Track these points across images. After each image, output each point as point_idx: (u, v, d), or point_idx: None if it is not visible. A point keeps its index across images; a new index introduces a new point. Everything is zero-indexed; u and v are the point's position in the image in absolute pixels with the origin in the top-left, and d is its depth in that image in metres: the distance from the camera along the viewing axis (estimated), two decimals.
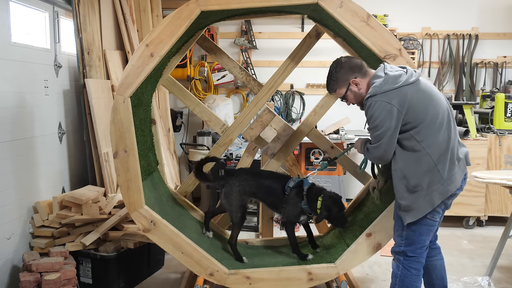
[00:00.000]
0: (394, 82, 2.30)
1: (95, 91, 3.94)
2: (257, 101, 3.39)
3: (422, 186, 2.32)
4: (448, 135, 2.33)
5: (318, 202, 2.86)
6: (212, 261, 2.72)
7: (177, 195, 3.39)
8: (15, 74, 3.28)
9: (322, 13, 2.77)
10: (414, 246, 2.45)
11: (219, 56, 3.52)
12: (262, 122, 3.28)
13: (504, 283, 3.49)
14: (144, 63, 2.59)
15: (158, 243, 2.71)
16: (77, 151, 4.18)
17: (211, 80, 5.47)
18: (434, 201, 2.34)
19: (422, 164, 2.31)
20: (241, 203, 2.96)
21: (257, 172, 3.09)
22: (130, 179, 2.62)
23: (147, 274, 3.61)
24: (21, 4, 3.42)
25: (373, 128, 2.35)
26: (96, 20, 4.21)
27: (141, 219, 2.65)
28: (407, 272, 2.45)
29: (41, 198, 3.54)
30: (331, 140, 4.92)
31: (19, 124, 3.33)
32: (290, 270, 2.79)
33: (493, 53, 5.49)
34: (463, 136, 4.73)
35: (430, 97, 2.34)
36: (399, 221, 2.47)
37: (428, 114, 2.30)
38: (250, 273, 2.76)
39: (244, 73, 3.50)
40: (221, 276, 2.73)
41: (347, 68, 2.46)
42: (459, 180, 2.38)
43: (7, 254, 3.16)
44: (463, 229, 4.81)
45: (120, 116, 2.58)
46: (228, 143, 3.43)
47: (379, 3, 5.38)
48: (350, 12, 2.61)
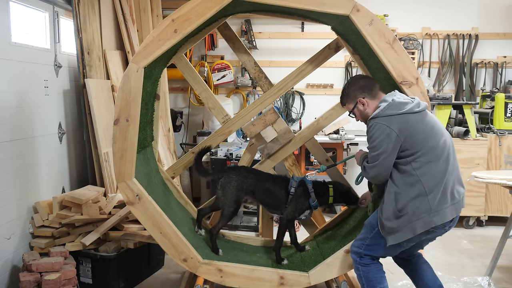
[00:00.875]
0: (398, 108, 2.37)
1: (95, 91, 3.94)
2: (264, 99, 3.39)
3: (407, 211, 2.34)
4: (445, 168, 2.35)
5: (329, 190, 2.99)
6: (188, 247, 2.70)
7: (164, 174, 3.39)
8: (15, 74, 3.29)
9: (349, 28, 2.75)
10: (372, 253, 2.52)
11: (237, 47, 3.50)
12: (265, 121, 3.28)
13: (504, 283, 3.49)
14: (166, 37, 2.57)
15: (139, 218, 2.67)
16: (77, 151, 4.18)
17: (211, 80, 5.47)
18: (416, 230, 2.35)
19: (413, 190, 2.34)
20: (236, 198, 2.96)
21: (257, 173, 3.10)
22: (125, 149, 2.61)
23: (147, 274, 3.61)
24: (21, 4, 3.42)
25: (371, 148, 2.41)
26: (96, 20, 4.22)
27: (127, 190, 2.63)
28: (367, 268, 2.52)
29: (41, 198, 3.54)
30: (331, 140, 4.96)
31: (19, 124, 3.33)
32: (263, 271, 2.77)
33: (493, 53, 5.49)
34: (463, 136, 4.73)
35: (431, 129, 2.38)
36: (370, 229, 2.53)
37: (427, 145, 2.34)
38: (224, 266, 2.74)
39: (257, 69, 3.51)
40: (194, 264, 2.70)
41: (358, 87, 2.56)
42: (448, 216, 2.36)
43: (7, 254, 3.16)
44: (463, 229, 4.81)
45: (130, 85, 2.57)
46: (227, 134, 3.43)
47: (379, 3, 5.39)
48: (378, 32, 2.59)
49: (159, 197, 2.95)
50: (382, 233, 2.44)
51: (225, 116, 3.43)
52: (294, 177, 3.03)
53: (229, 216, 2.98)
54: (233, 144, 5.10)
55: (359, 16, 2.58)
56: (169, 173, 3.44)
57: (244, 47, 3.53)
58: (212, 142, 3.41)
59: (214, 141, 3.42)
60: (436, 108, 4.82)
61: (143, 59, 2.58)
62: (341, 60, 5.50)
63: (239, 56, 3.53)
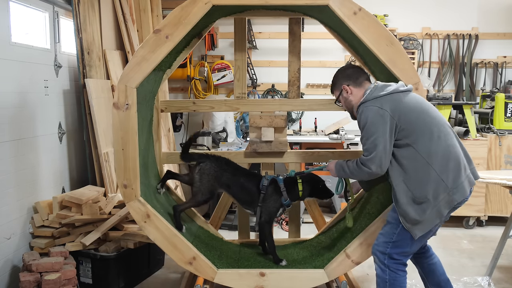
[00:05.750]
0: (384, 89, 2.36)
1: (95, 91, 3.95)
2: (283, 103, 3.39)
3: (427, 197, 2.27)
4: (447, 144, 2.30)
5: (298, 184, 2.90)
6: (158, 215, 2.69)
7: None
8: (15, 74, 3.28)
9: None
10: (401, 250, 2.40)
11: (295, 45, 3.38)
12: (272, 121, 3.22)
13: (504, 283, 3.49)
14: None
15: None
16: (77, 151, 4.18)
17: (211, 80, 5.48)
18: (442, 212, 2.30)
19: (424, 175, 2.27)
20: (210, 188, 2.93)
21: (236, 168, 3.06)
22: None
23: (147, 274, 3.61)
24: (21, 4, 3.42)
25: (366, 135, 2.32)
26: (96, 20, 4.22)
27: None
28: (396, 275, 2.40)
29: (41, 198, 3.54)
30: (331, 140, 4.95)
31: (19, 124, 3.33)
32: (182, 241, 2.72)
33: (493, 53, 5.49)
34: (463, 136, 4.73)
35: (421, 107, 2.36)
36: (394, 224, 2.41)
37: (423, 122, 2.30)
38: (153, 215, 2.68)
39: (298, 75, 3.40)
40: (131, 194, 2.66)
41: (344, 75, 2.59)
42: (466, 189, 2.33)
43: (7, 254, 3.16)
44: (463, 229, 4.81)
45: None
46: (233, 108, 3.36)
47: (379, 3, 5.39)
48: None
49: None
50: (406, 227, 2.33)
51: (242, 93, 3.39)
52: (266, 176, 3.01)
53: (199, 202, 2.96)
54: (233, 144, 5.10)
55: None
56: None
57: (299, 49, 3.40)
58: (216, 107, 3.36)
59: (217, 107, 3.37)
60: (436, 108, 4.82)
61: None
62: (341, 60, 5.49)
63: (291, 56, 3.40)
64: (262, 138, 3.24)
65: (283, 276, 2.77)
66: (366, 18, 2.58)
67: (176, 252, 2.71)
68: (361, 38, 2.58)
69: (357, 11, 2.57)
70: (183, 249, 2.70)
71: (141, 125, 2.77)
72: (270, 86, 5.61)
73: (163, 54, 2.60)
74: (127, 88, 2.57)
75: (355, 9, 2.57)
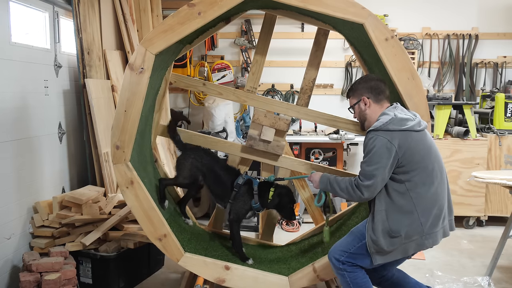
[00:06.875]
0: (400, 124, 2.33)
1: (95, 91, 3.95)
2: (290, 108, 3.29)
3: (401, 234, 2.30)
4: (437, 192, 2.34)
5: (270, 192, 2.88)
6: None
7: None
8: (15, 74, 3.28)
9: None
10: (355, 262, 2.43)
11: (317, 55, 3.34)
12: (275, 122, 3.20)
13: (504, 283, 3.49)
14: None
15: None
16: (77, 151, 4.19)
17: (211, 80, 5.47)
18: (408, 251, 2.34)
19: (406, 212, 2.30)
20: (190, 174, 2.96)
21: (215, 158, 3.07)
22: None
23: (147, 274, 3.61)
24: (21, 4, 3.42)
25: (368, 162, 2.33)
26: (96, 20, 4.22)
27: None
28: (354, 274, 2.43)
29: (41, 198, 3.54)
30: (331, 140, 4.95)
31: (19, 124, 3.33)
32: (159, 216, 2.69)
33: (493, 53, 5.49)
34: (463, 136, 4.73)
35: (429, 150, 2.36)
36: (358, 238, 2.43)
37: (423, 165, 2.31)
38: (137, 182, 2.64)
39: (311, 85, 3.37)
40: (121, 156, 2.66)
41: (367, 85, 2.52)
42: (438, 239, 2.37)
43: (7, 254, 3.16)
44: (463, 229, 4.81)
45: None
46: (241, 100, 3.36)
47: (379, 3, 5.39)
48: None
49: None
50: (370, 251, 2.37)
51: (254, 87, 3.36)
52: (243, 175, 3.00)
53: (180, 184, 3.05)
54: None
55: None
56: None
57: (320, 59, 3.35)
58: (224, 94, 3.33)
59: (225, 94, 3.34)
60: (436, 108, 4.82)
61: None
62: (341, 60, 5.49)
63: (310, 65, 3.35)
64: (262, 136, 3.24)
65: (247, 274, 2.75)
66: (395, 47, 2.54)
67: (149, 225, 2.66)
68: (386, 65, 2.55)
69: (389, 38, 2.53)
70: (156, 224, 2.66)
71: (149, 92, 2.73)
72: (270, 86, 5.61)
73: (191, 29, 2.55)
74: (146, 53, 2.53)
75: (388, 36, 2.53)
